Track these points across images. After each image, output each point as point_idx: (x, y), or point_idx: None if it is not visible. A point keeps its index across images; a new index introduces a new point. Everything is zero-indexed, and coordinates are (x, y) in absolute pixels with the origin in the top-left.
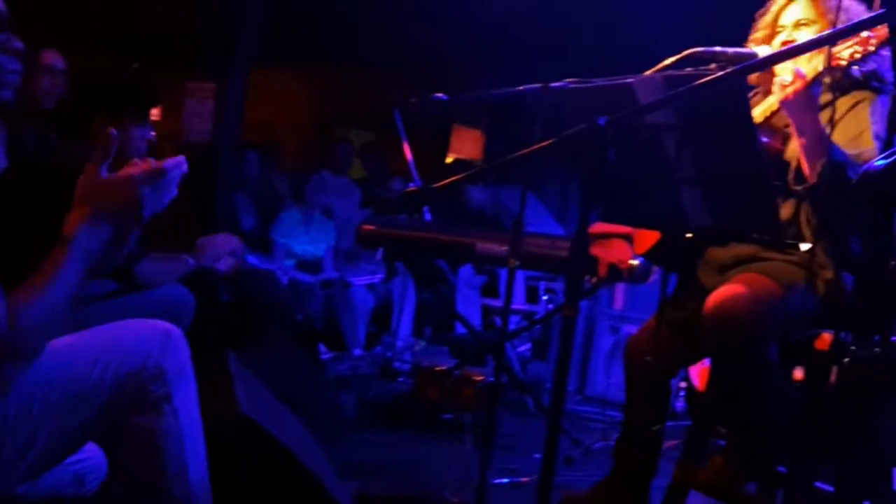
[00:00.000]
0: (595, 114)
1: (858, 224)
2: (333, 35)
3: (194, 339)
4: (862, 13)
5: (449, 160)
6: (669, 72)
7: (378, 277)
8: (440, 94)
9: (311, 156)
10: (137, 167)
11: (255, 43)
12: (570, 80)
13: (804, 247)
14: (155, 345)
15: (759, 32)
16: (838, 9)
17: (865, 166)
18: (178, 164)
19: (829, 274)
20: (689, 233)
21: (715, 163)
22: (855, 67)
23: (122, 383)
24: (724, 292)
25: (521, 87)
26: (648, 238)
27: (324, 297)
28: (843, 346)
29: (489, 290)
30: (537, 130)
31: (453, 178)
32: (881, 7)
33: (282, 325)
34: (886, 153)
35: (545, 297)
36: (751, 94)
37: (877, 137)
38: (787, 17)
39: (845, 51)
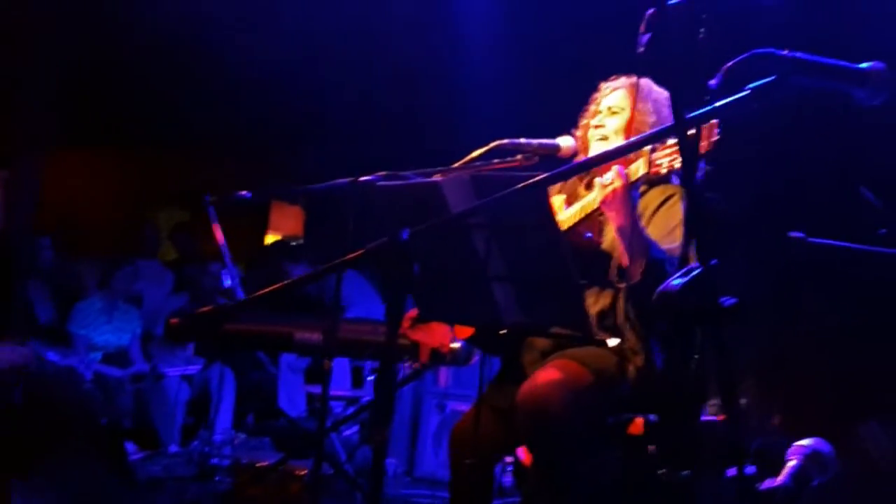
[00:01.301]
0: (404, 211)
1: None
2: (142, 113)
3: None
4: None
5: (269, 239)
6: (475, 170)
7: (195, 368)
8: (244, 192)
9: (120, 240)
10: None
11: (54, 124)
12: (382, 173)
13: (612, 342)
14: None
15: (586, 117)
16: (655, 101)
17: (663, 285)
18: None
19: (640, 360)
20: (502, 329)
21: (523, 262)
22: (674, 175)
23: None
24: (537, 380)
25: (330, 182)
26: None
27: (134, 392)
28: (655, 429)
29: (314, 374)
30: (349, 222)
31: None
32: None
33: (82, 430)
34: (683, 270)
35: (371, 379)
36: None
37: None
38: (605, 103)
39: (664, 159)
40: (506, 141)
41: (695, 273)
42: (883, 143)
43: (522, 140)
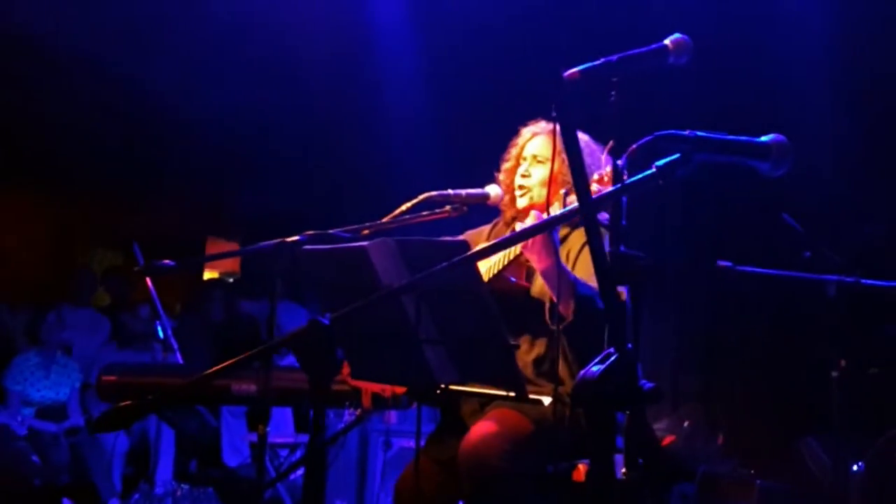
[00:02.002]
0: (331, 275)
1: None
2: (68, 156)
3: None
4: (596, 152)
5: (206, 276)
6: (403, 222)
7: None
8: (168, 261)
9: (50, 287)
10: None
11: None
12: (310, 232)
13: (546, 400)
14: None
15: (509, 161)
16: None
17: (582, 372)
18: None
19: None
20: (436, 389)
21: (453, 324)
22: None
23: None
24: (477, 433)
25: (257, 245)
26: None
27: (70, 447)
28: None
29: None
30: (277, 282)
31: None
32: (610, 153)
33: (14, 491)
34: (601, 355)
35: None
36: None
37: None
38: (529, 150)
39: None
40: (434, 193)
41: (612, 359)
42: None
43: (451, 191)
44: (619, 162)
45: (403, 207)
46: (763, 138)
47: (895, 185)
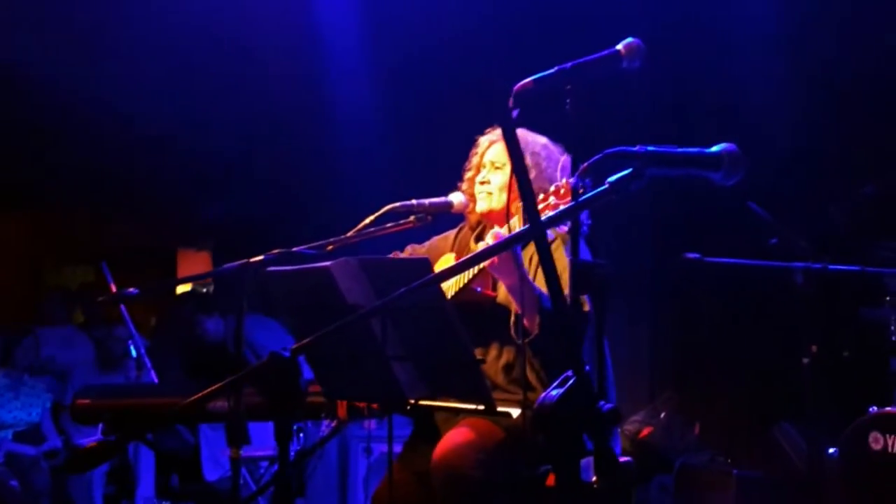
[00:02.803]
0: (296, 296)
1: None
2: (34, 170)
3: None
4: (555, 154)
5: (180, 290)
6: (368, 235)
7: (112, 436)
8: (132, 290)
9: (22, 307)
10: None
11: None
12: (276, 251)
13: (514, 412)
14: None
15: (471, 170)
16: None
17: (541, 397)
18: None
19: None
20: (407, 405)
21: (420, 341)
22: (550, 232)
23: None
24: (448, 442)
25: (221, 268)
26: None
27: (49, 469)
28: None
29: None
30: (244, 303)
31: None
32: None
33: None
34: (560, 379)
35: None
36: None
37: None
38: (488, 157)
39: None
40: (397, 204)
41: (571, 382)
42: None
43: (414, 201)
44: (571, 180)
45: (367, 221)
46: (714, 148)
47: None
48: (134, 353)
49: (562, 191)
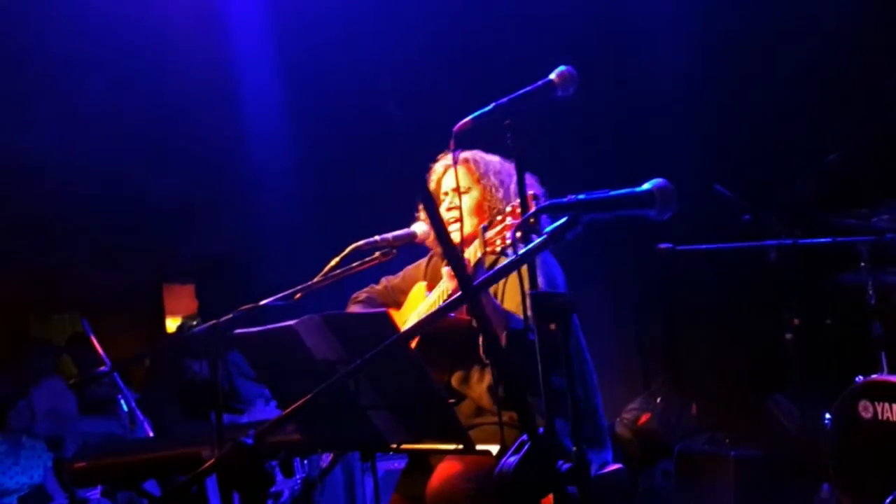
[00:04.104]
0: (265, 354)
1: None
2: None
3: None
4: (512, 172)
5: (170, 325)
6: (336, 278)
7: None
8: (102, 368)
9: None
10: None
11: None
12: (243, 308)
13: (494, 449)
14: None
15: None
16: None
17: (500, 464)
18: None
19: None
20: (387, 450)
21: (390, 388)
22: (509, 250)
23: None
24: (441, 475)
25: (188, 332)
26: None
27: None
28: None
29: None
30: (218, 364)
31: None
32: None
33: None
34: (517, 443)
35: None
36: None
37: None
38: (447, 184)
39: (496, 237)
40: (361, 242)
41: (527, 447)
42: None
43: (377, 237)
44: (508, 236)
45: (332, 263)
46: (644, 186)
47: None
48: (125, 407)
49: (517, 210)
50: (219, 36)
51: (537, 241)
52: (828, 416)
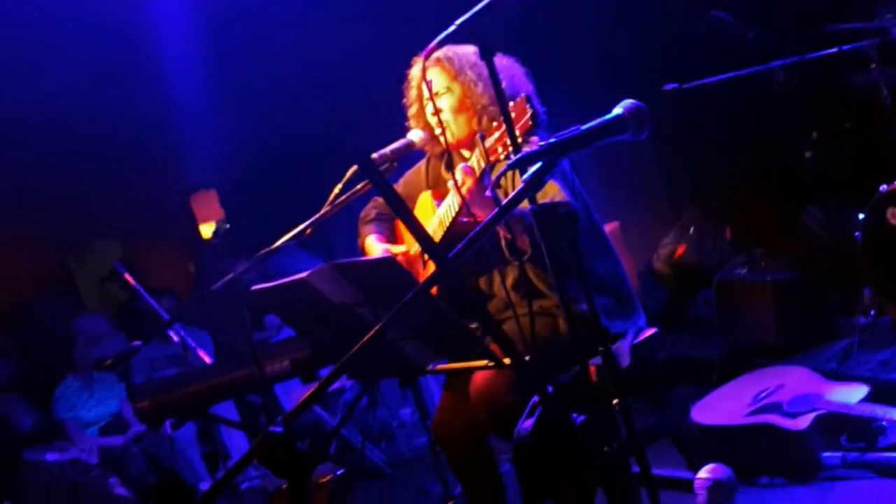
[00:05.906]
0: (284, 306)
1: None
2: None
3: None
4: (513, 69)
5: (204, 231)
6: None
7: None
8: (136, 342)
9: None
10: None
11: None
12: (261, 252)
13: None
14: None
15: (413, 105)
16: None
17: (517, 429)
18: None
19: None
20: (422, 374)
21: (415, 322)
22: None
23: None
24: (480, 376)
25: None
26: None
27: (143, 451)
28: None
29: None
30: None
31: None
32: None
33: None
34: (529, 406)
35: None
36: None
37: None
38: (425, 89)
39: (497, 145)
40: (361, 163)
41: (539, 410)
42: None
43: (375, 155)
44: (488, 193)
45: (336, 189)
46: (616, 111)
47: None
48: (176, 338)
49: (512, 114)
50: None
51: (517, 190)
52: (860, 219)
